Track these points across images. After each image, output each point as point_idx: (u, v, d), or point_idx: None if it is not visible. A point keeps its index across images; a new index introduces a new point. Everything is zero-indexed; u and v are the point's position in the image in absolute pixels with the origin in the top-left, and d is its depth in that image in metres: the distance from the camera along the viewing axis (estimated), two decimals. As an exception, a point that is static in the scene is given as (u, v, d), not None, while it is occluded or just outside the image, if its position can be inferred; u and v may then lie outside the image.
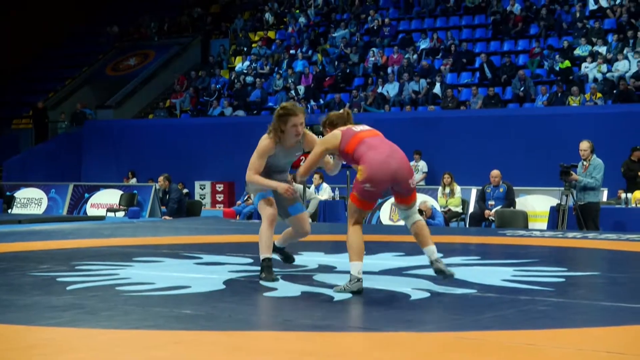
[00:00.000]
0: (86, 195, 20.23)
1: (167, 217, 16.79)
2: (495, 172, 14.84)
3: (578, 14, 23.18)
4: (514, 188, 14.96)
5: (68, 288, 6.57)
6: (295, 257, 8.49)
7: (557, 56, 21.93)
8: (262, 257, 6.96)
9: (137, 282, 6.87)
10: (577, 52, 21.94)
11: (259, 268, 7.69)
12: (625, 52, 21.16)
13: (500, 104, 21.32)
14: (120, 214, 18.88)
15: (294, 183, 7.86)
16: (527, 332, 4.96)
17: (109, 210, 19.29)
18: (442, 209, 15.53)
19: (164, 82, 28.86)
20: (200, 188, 23.29)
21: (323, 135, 6.93)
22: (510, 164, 17.98)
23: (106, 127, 25.94)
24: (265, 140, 7.05)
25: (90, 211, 19.81)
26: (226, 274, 7.35)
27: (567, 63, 21.42)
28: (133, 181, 22.75)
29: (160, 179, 17.50)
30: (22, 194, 20.78)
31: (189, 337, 4.86)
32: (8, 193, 19.78)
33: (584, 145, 12.81)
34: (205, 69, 27.81)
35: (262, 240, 6.94)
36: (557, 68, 21.49)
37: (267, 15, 29.06)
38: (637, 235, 11.36)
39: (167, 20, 31.25)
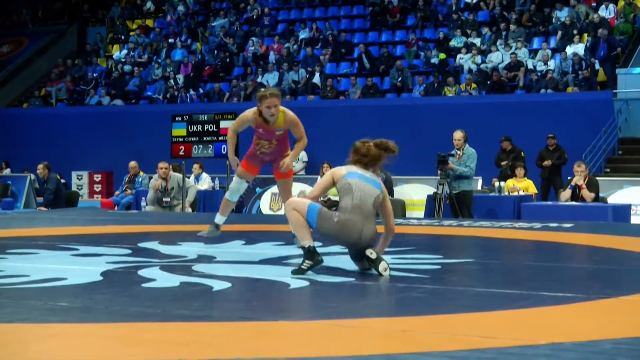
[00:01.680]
0: (-43, 186, 19.63)
1: (42, 208, 16.39)
2: (373, 162, 14.98)
3: (453, 6, 23.66)
4: (392, 177, 15.16)
5: (-62, 282, 6.37)
6: (174, 247, 8.45)
7: (433, 48, 22.34)
8: None
9: (10, 274, 6.71)
10: (453, 43, 22.40)
11: (136, 259, 7.63)
12: (498, 44, 21.70)
13: (378, 94, 21.61)
14: (-6, 205, 18.38)
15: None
16: (403, 318, 5.04)
17: (-19, 201, 18.77)
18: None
19: (39, 70, 28.21)
20: (78, 178, 22.88)
21: None
22: (388, 153, 18.21)
23: (-22, 116, 25.24)
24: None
25: (-38, 202, 19.22)
26: (103, 265, 7.24)
27: (442, 55, 21.84)
28: (7, 171, 22.19)
29: (40, 166, 17.02)
30: None
31: (65, 329, 4.77)
32: None
33: (458, 135, 13.08)
34: (81, 57, 27.32)
35: None
36: (436, 61, 21.87)
37: (149, 4, 28.69)
38: (509, 222, 11.68)
39: (42, 7, 30.53)
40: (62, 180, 21.49)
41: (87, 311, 5.37)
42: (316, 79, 22.49)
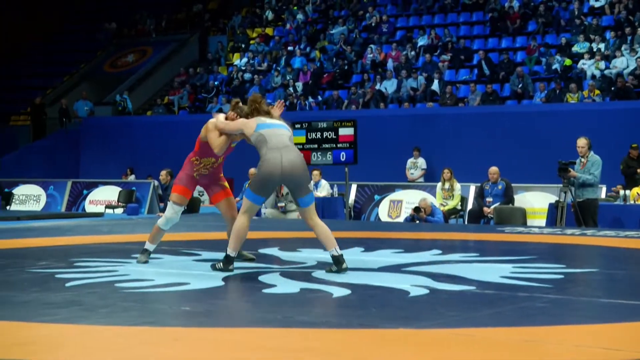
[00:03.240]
0: (85, 191, 20.23)
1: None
2: (493, 169, 14.84)
3: (576, 11, 23.17)
4: (513, 185, 14.96)
5: (67, 285, 6.56)
6: (293, 253, 8.50)
7: (555, 53, 21.93)
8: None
9: (135, 278, 6.87)
10: (575, 49, 21.94)
11: (257, 265, 7.71)
12: (623, 49, 21.17)
13: (498, 100, 21.32)
14: (119, 210, 18.88)
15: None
16: (524, 328, 4.96)
17: (107, 206, 19.28)
18: (442, 204, 15.50)
19: (162, 78, 28.83)
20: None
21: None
22: (509, 160, 17.98)
23: (104, 124, 25.92)
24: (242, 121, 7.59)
25: (89, 208, 19.81)
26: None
27: (568, 62, 21.41)
28: (131, 178, 22.73)
29: (163, 173, 17.37)
30: (20, 191, 20.77)
31: (188, 333, 4.86)
32: (6, 190, 19.77)
33: (582, 142, 12.80)
34: (203, 66, 27.79)
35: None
36: (558, 67, 21.43)
37: (267, 12, 29.02)
38: (635, 232, 11.36)
39: (165, 17, 31.21)
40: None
41: (209, 316, 5.45)
42: (435, 86, 22.34)
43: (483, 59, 22.44)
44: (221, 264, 7.21)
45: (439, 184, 15.87)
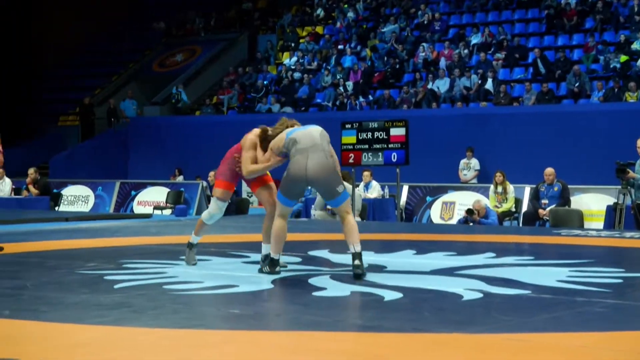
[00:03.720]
0: (133, 192, 20.29)
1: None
2: (549, 170, 14.61)
3: (636, 7, 22.75)
4: (569, 186, 14.71)
5: (115, 286, 6.54)
6: (344, 256, 8.39)
7: (613, 51, 21.55)
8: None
9: (184, 280, 6.83)
10: (635, 46, 21.54)
11: (307, 267, 7.63)
12: (684, 46, 20.75)
13: (554, 100, 21.02)
14: (167, 211, 18.91)
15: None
16: (582, 334, 4.85)
17: (155, 208, 19.33)
18: (497, 206, 15.29)
19: (210, 78, 28.87)
20: (248, 186, 23.27)
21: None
22: (565, 161, 17.68)
23: (153, 124, 26.00)
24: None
25: (137, 209, 19.86)
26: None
27: (623, 58, 21.03)
28: (180, 179, 22.78)
29: (212, 173, 17.36)
30: (69, 192, 20.88)
31: (237, 336, 4.81)
32: (55, 190, 19.88)
33: (642, 142, 12.57)
34: (252, 65, 27.79)
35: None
36: (616, 65, 21.04)
37: (319, 10, 28.93)
38: (696, 234, 11.10)
39: (214, 16, 31.27)
40: (234, 188, 21.87)
41: (259, 318, 5.40)
42: (489, 84, 22.09)
43: (539, 57, 22.14)
44: (267, 267, 7.16)
45: (492, 187, 15.63)
